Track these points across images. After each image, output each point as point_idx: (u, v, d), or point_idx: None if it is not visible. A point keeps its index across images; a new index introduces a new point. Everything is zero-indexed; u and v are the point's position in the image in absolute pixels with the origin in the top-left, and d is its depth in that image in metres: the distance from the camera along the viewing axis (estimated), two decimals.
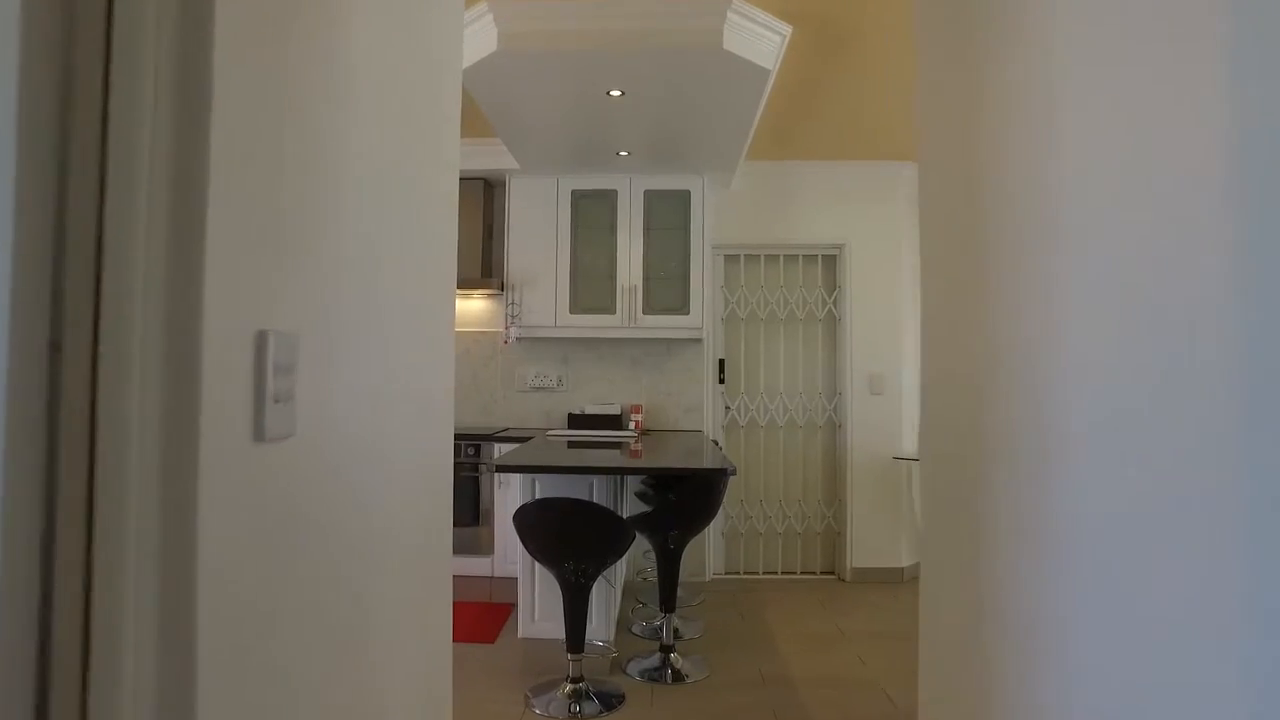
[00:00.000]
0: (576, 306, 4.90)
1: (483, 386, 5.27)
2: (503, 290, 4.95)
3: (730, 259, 5.32)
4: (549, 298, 4.90)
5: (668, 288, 4.89)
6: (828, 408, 5.23)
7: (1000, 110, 1.47)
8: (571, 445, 4.21)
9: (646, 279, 4.88)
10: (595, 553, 3.01)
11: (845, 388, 5.16)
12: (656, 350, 5.19)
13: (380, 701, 1.24)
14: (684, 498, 3.48)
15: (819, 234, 5.21)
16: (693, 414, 5.15)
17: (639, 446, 4.19)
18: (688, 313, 4.84)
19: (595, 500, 3.46)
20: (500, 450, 4.56)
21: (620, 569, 4.06)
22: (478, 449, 4.60)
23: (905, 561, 5.14)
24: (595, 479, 3.49)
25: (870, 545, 5.12)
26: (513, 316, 4.90)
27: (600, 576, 3.37)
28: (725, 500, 4.84)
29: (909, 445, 5.23)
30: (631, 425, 5.03)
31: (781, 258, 5.28)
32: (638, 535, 3.55)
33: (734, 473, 3.08)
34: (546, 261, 4.91)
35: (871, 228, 5.21)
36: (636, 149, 4.46)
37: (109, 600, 0.69)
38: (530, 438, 4.51)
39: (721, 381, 5.26)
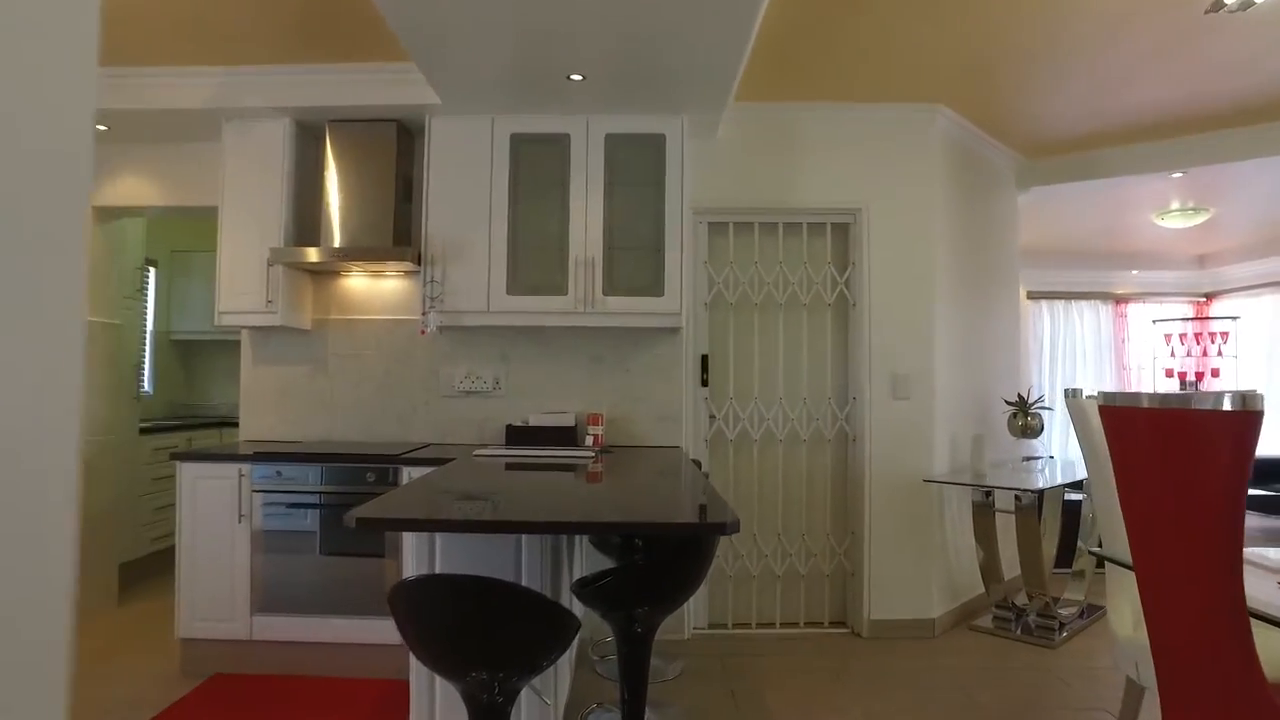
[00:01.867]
0: (517, 286, 3.75)
1: (398, 391, 4.10)
2: (421, 265, 3.78)
3: (716, 228, 4.20)
4: (480, 275, 3.75)
5: (635, 262, 3.75)
6: (839, 416, 4.13)
7: None
8: (510, 467, 3.07)
9: (608, 251, 3.75)
10: (517, 658, 1.87)
11: (862, 391, 4.06)
12: (622, 343, 4.06)
13: None
14: (661, 559, 2.35)
15: (829, 196, 4.11)
16: (668, 425, 4.03)
17: (598, 469, 3.06)
18: (661, 294, 3.71)
19: (527, 561, 2.32)
20: (411, 476, 3.41)
21: (560, 675, 2.92)
22: (384, 474, 3.45)
23: (938, 610, 4.06)
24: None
25: (894, 591, 4.03)
26: (433, 299, 3.74)
27: (529, 687, 2.24)
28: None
29: (944, 464, 4.14)
30: (589, 440, 3.89)
31: (781, 227, 4.17)
32: (593, 612, 2.42)
33: (735, 529, 1.95)
34: (477, 228, 3.76)
35: (896, 188, 4.11)
36: (594, 72, 3.32)
37: None
38: (453, 458, 3.36)
39: (705, 383, 4.14)
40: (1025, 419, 4.27)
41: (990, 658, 3.72)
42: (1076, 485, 4.19)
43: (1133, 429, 1.82)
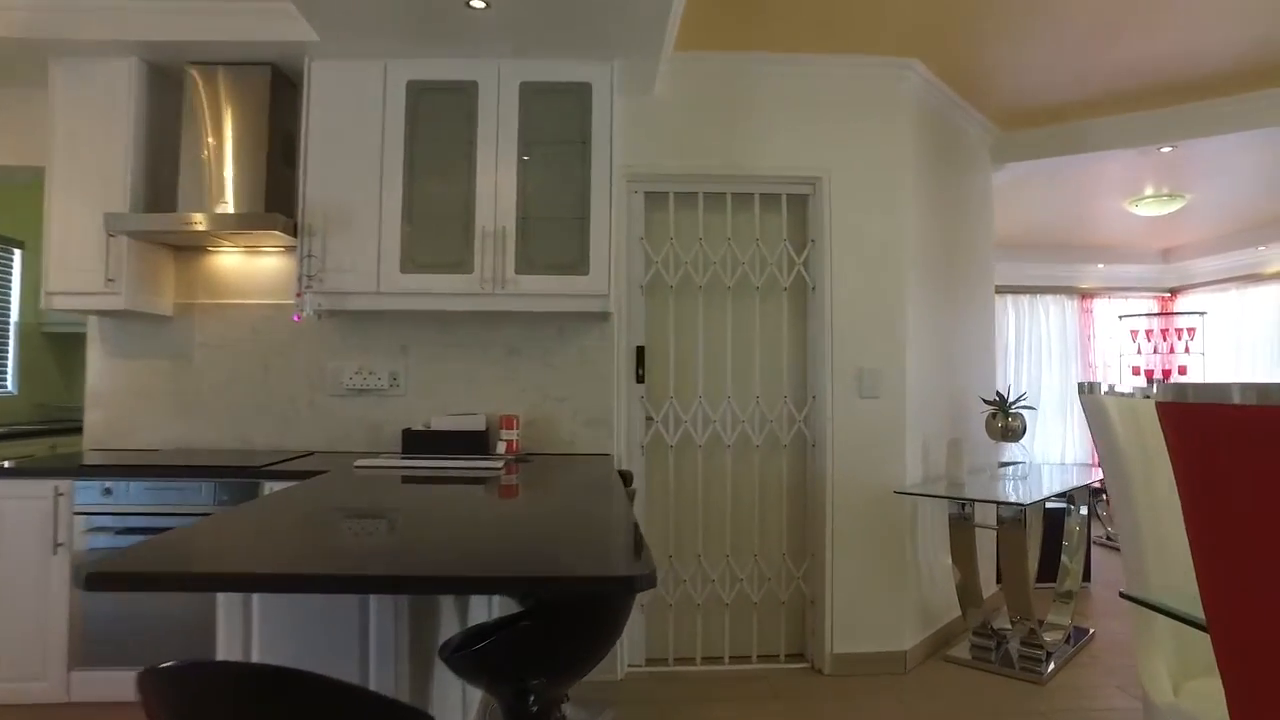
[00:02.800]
0: (413, 262, 3.12)
1: (278, 389, 3.44)
2: (298, 237, 3.13)
3: (654, 199, 3.61)
4: (369, 249, 3.11)
5: (555, 236, 3.15)
6: (796, 418, 3.57)
7: None
8: (391, 483, 2.45)
9: (523, 221, 3.14)
10: None
11: (822, 389, 3.51)
12: (543, 333, 3.45)
13: None
14: (557, 617, 1.74)
15: (785, 163, 3.55)
16: (597, 429, 3.43)
17: (501, 486, 2.46)
18: (585, 272, 3.11)
19: (378, 624, 1.70)
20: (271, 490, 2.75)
21: None
22: (243, 490, 2.80)
23: (910, 641, 3.52)
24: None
25: (860, 620, 3.48)
26: (310, 278, 3.09)
27: None
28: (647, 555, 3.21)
29: (917, 472, 3.60)
30: (502, 447, 3.27)
31: (729, 198, 3.59)
32: (476, 686, 1.81)
33: (647, 584, 1.36)
34: (366, 193, 3.12)
35: (862, 155, 3.56)
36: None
37: None
38: (327, 470, 2.71)
39: (640, 380, 3.55)
40: (1006, 420, 3.76)
41: (971, 697, 3.19)
42: (1063, 494, 3.68)
43: (1221, 432, 1.27)
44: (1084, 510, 3.97)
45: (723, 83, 3.54)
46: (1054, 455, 8.55)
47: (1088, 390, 2.04)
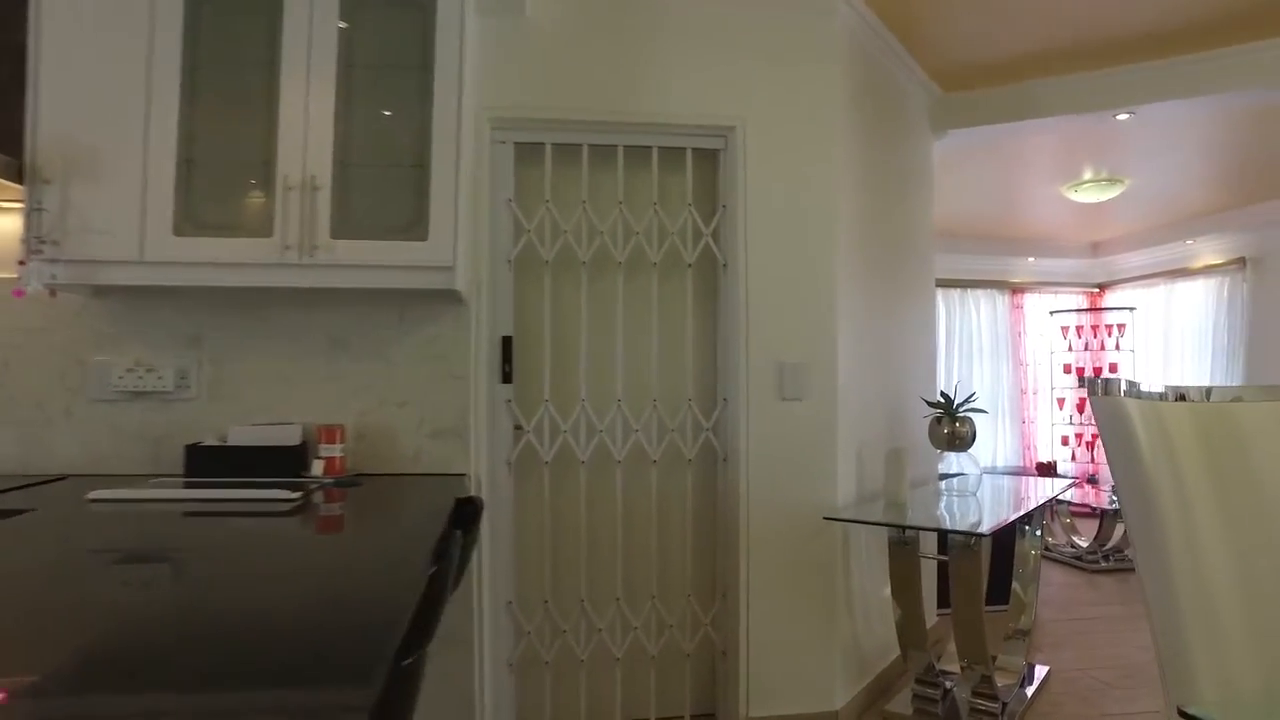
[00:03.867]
0: (191, 222, 2.31)
1: (21, 391, 2.59)
2: (25, 184, 2.29)
3: (527, 152, 2.88)
4: (129, 203, 2.29)
5: (384, 190, 2.39)
6: (704, 426, 2.88)
7: None
8: (191, 515, 1.67)
9: (341, 170, 2.36)
10: None
11: (736, 390, 2.83)
12: (377, 319, 2.68)
13: None
14: None
15: (690, 108, 2.86)
16: (448, 441, 2.67)
17: (336, 513, 1.73)
18: (423, 238, 2.35)
19: None
20: None
21: None
22: None
23: (842, 697, 2.87)
24: None
25: (782, 674, 2.82)
26: (42, 240, 2.26)
27: None
28: (515, 603, 2.53)
29: (850, 489, 2.96)
30: (319, 467, 2.49)
31: (621, 152, 2.88)
32: None
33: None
34: (125, 129, 2.30)
35: (785, 101, 2.90)
36: None
37: None
38: (34, 509, 1.89)
39: (507, 379, 2.81)
40: (953, 425, 3.15)
41: None
42: (1026, 519, 3.10)
43: None
44: (1039, 532, 3.41)
45: (614, 5, 2.83)
46: (984, 459, 8.13)
47: (1101, 390, 1.40)
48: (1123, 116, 3.86)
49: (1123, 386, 1.38)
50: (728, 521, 2.85)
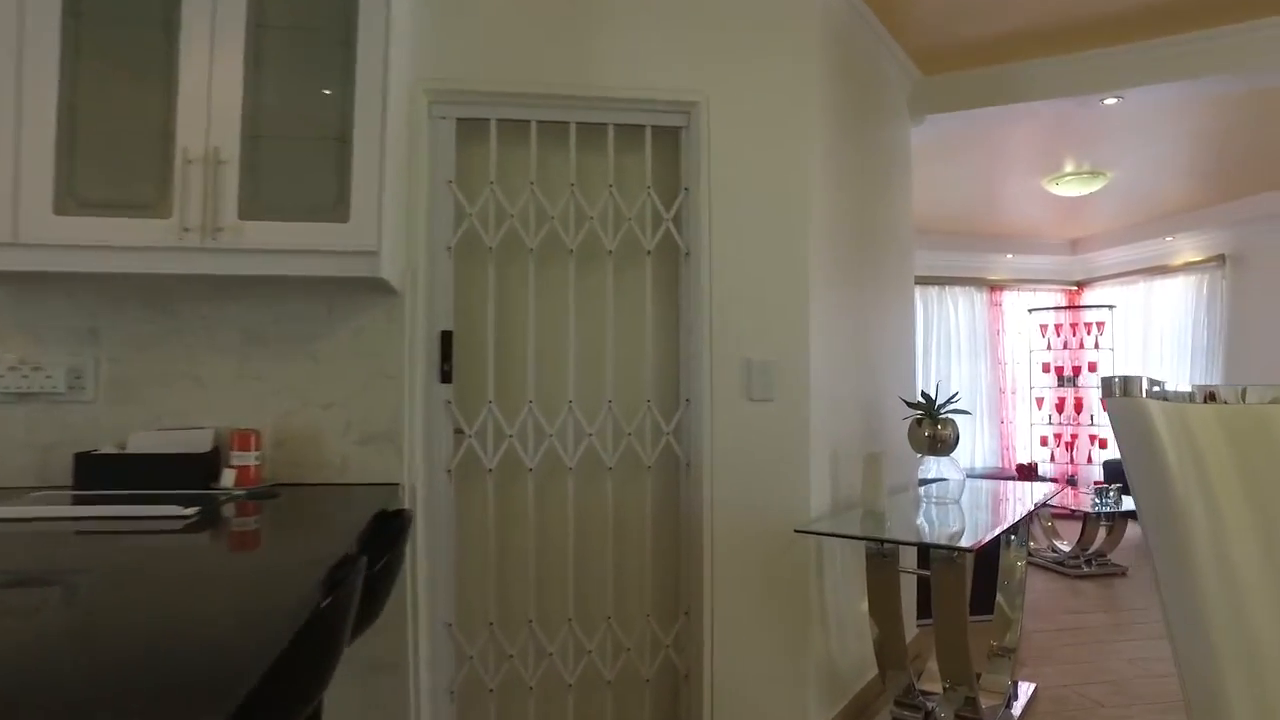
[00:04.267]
0: (75, 199, 2.03)
1: None
2: None
3: (470, 129, 2.61)
4: (0, 174, 2.01)
5: (302, 164, 2.12)
6: (664, 430, 2.62)
7: None
8: (64, 535, 1.39)
9: (250, 143, 2.09)
10: None
11: (699, 390, 2.58)
12: (302, 309, 2.40)
13: None
14: None
15: (649, 81, 2.61)
16: (380, 447, 2.40)
17: (232, 532, 1.46)
18: (345, 219, 2.08)
19: None
20: None
21: None
22: None
23: None
24: None
25: (750, 699, 2.58)
26: None
27: None
28: (455, 625, 2.28)
29: (824, 498, 2.72)
30: (230, 477, 2.21)
31: (573, 129, 2.63)
32: None
33: None
34: None
35: (755, 74, 2.66)
36: None
37: None
38: None
39: (447, 379, 2.54)
40: (935, 427, 2.92)
41: None
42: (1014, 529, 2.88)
43: None
44: (1028, 543, 3.19)
45: None
46: (962, 460, 7.95)
47: (1119, 389, 1.16)
48: (1110, 101, 3.66)
49: (1145, 385, 1.15)
50: (691, 534, 2.60)
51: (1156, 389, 1.17)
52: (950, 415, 2.96)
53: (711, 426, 2.55)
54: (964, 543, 2.27)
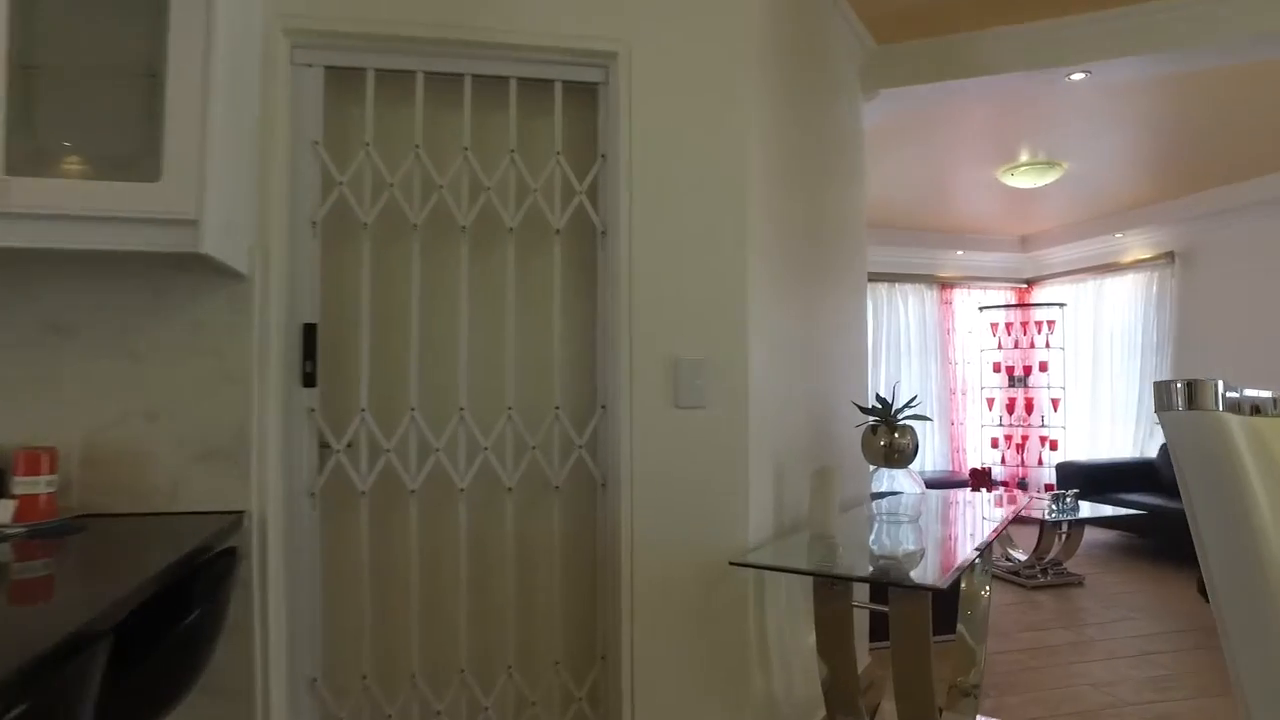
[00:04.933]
0: None
1: None
2: None
3: (342, 80, 2.16)
4: None
5: (98, 106, 1.66)
6: (576, 442, 2.20)
7: None
8: None
9: (25, 75, 1.62)
10: None
11: (617, 395, 2.16)
12: (119, 294, 1.93)
13: None
14: None
15: (562, 26, 2.18)
16: (222, 466, 1.94)
17: (20, 576, 1.00)
18: (156, 177, 1.63)
19: None
20: None
21: None
22: None
23: None
24: None
25: None
26: None
27: None
28: (321, 681, 1.83)
29: (766, 520, 2.33)
30: (9, 510, 1.73)
31: (469, 82, 2.19)
32: None
33: None
34: None
35: (685, 20, 2.26)
36: None
37: None
38: None
39: (311, 382, 2.09)
40: (891, 436, 2.56)
41: None
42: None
43: None
44: (989, 568, 2.85)
45: None
46: (913, 464, 7.69)
47: (1183, 397, 0.78)
48: (1077, 76, 3.35)
49: (1220, 392, 0.77)
50: (608, 566, 2.19)
51: (1233, 395, 0.80)
52: (909, 422, 2.60)
53: (631, 438, 2.14)
54: (929, 576, 1.90)
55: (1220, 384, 0.76)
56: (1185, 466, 0.80)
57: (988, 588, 2.78)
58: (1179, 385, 0.77)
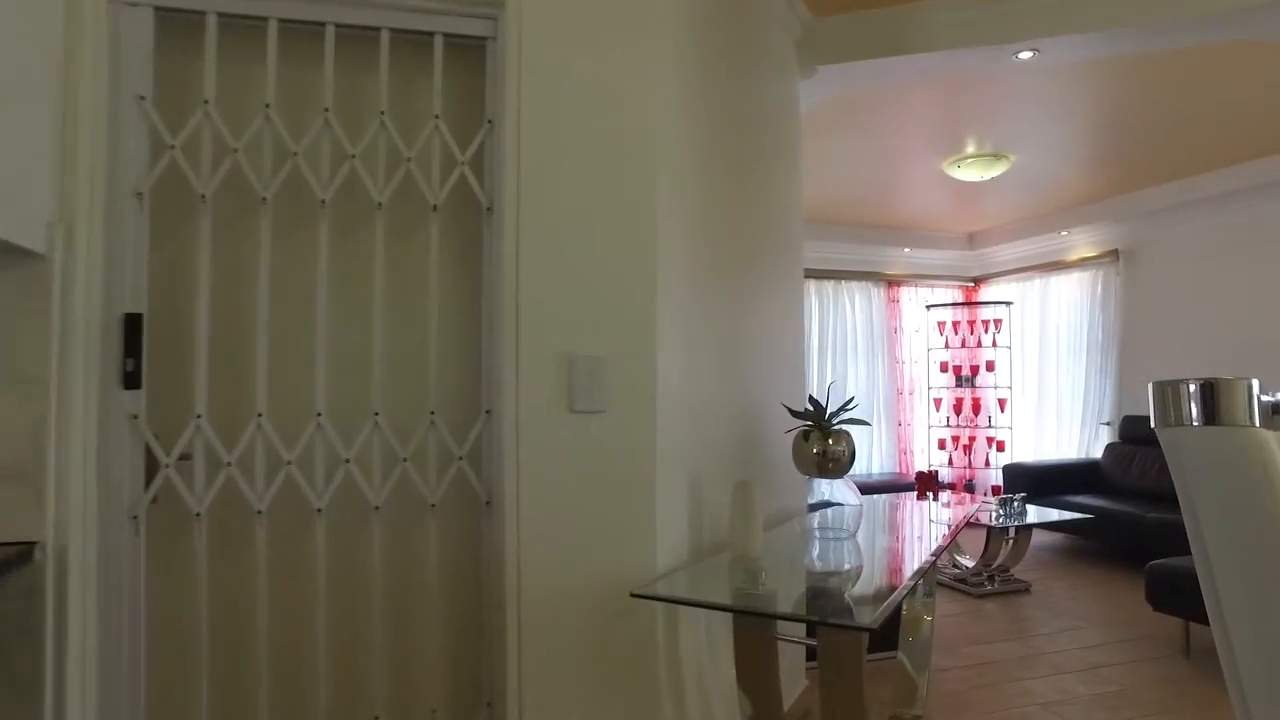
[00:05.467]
0: None
1: None
2: None
3: (175, 22, 1.82)
4: None
5: None
6: (455, 453, 1.89)
7: None
8: None
9: None
10: None
11: (502, 396, 1.86)
12: None
13: None
14: None
15: None
16: (12, 488, 1.59)
17: None
18: None
19: None
20: None
21: None
22: None
23: None
24: None
25: None
26: None
27: None
28: None
29: (679, 542, 2.04)
30: None
31: (332, 33, 1.87)
32: None
33: None
34: None
35: None
36: None
37: None
38: None
39: (134, 383, 1.74)
40: (825, 443, 2.30)
41: None
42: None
43: None
44: (932, 594, 2.61)
45: None
46: (859, 466, 7.52)
47: (1199, 403, 0.51)
48: (1025, 55, 3.14)
49: (1254, 395, 0.51)
50: (493, 597, 1.89)
51: (1266, 399, 0.53)
52: (844, 427, 2.34)
53: (518, 448, 1.84)
54: (863, 616, 1.64)
55: (1255, 384, 0.49)
56: (1203, 504, 0.53)
57: (930, 616, 2.54)
58: (1192, 388, 0.50)
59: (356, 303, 1.88)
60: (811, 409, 2.35)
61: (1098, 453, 6.59)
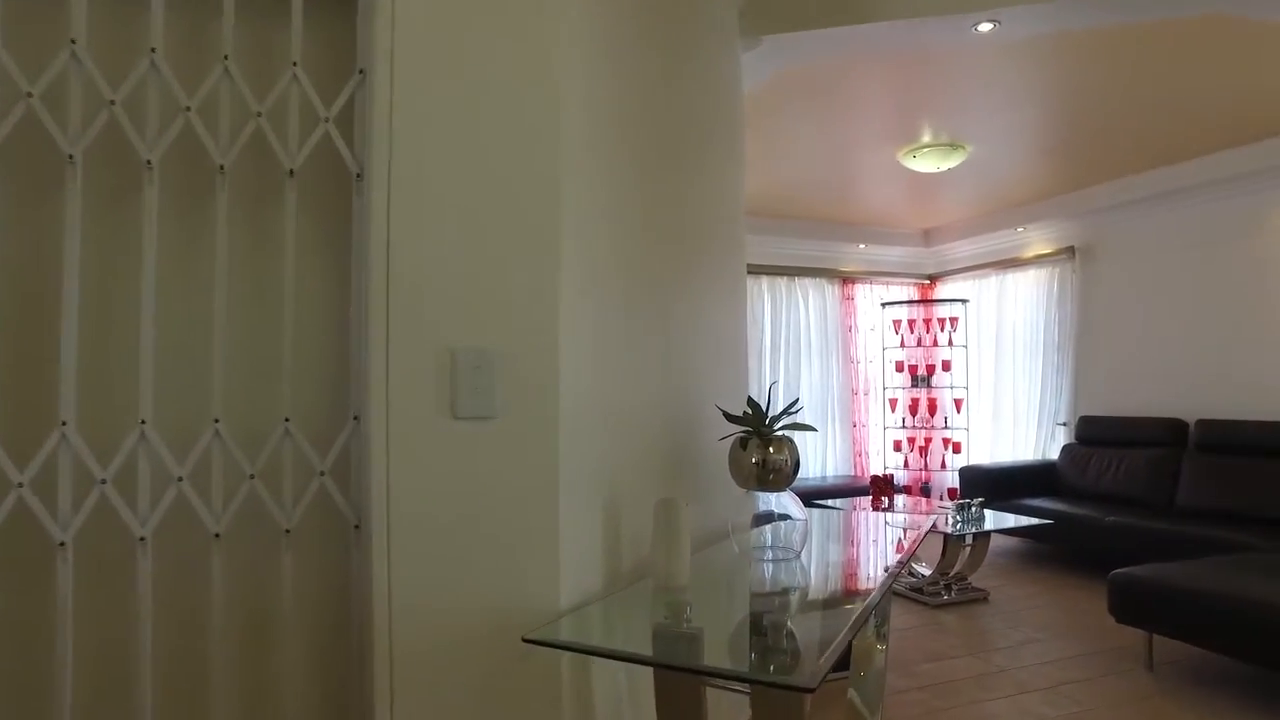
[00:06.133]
0: None
1: None
2: None
3: None
4: None
5: None
6: (317, 467, 1.57)
7: None
8: None
9: None
10: None
11: (372, 401, 1.54)
12: None
13: None
14: None
15: None
16: None
17: None
18: None
19: None
20: None
21: None
22: None
23: None
24: None
25: None
26: None
27: None
28: None
29: (594, 573, 1.74)
30: None
31: None
32: None
33: None
34: None
35: None
36: None
37: None
38: None
39: None
40: (765, 451, 2.02)
41: None
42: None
43: None
44: (886, 621, 2.35)
45: None
46: (813, 469, 7.30)
47: None
48: (985, 27, 2.91)
49: None
50: (360, 641, 1.57)
51: None
52: (788, 433, 2.06)
53: (389, 461, 1.52)
54: (801, 672, 1.35)
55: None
56: None
57: (883, 647, 2.28)
58: None
59: (193, 286, 1.55)
60: (750, 413, 2.07)
61: (1054, 454, 6.45)
